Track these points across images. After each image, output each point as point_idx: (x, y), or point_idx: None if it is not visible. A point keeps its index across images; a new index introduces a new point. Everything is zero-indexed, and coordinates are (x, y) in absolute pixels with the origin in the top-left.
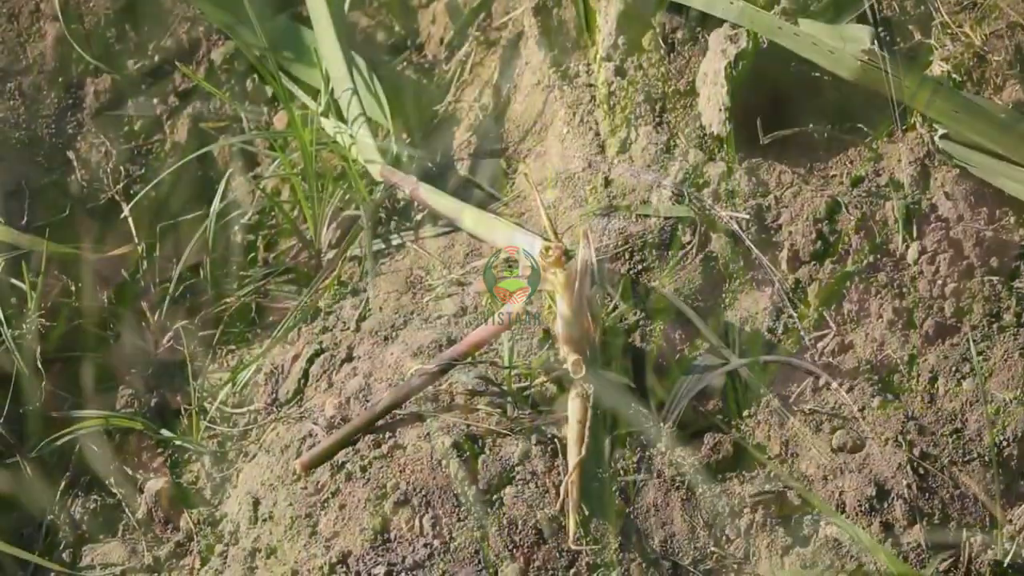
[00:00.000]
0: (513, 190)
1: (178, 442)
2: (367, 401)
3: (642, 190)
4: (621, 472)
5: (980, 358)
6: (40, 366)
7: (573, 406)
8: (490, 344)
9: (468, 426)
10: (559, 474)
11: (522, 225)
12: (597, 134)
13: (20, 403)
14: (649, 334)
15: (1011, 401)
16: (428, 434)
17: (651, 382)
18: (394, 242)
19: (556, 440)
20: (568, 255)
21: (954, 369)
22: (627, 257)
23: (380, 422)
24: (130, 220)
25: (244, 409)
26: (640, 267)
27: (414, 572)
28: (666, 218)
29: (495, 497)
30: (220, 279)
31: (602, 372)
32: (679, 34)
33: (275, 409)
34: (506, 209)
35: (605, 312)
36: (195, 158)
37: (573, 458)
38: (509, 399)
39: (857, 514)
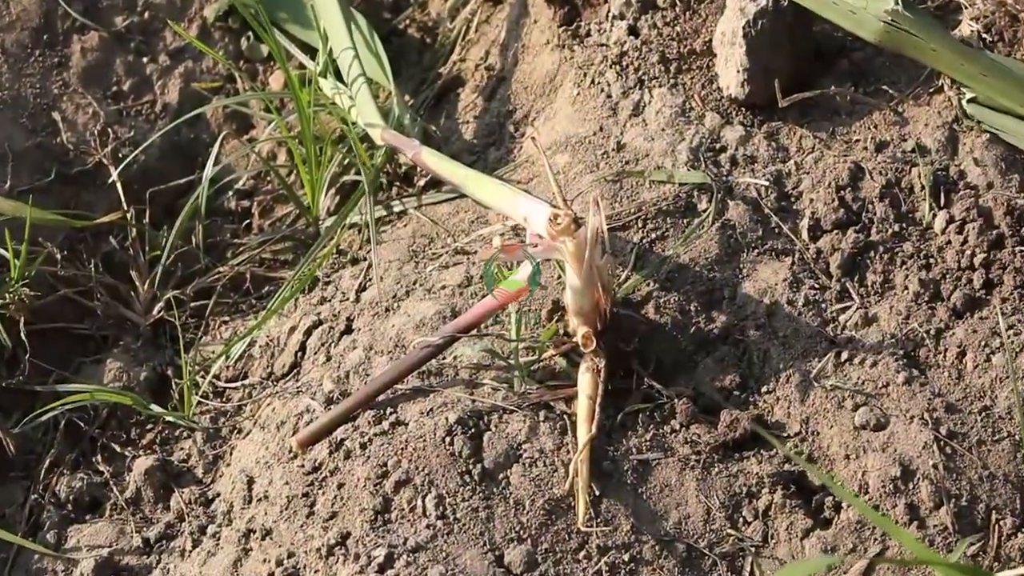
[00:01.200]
0: (521, 155)
1: (169, 418)
2: (367, 375)
3: (656, 155)
4: (633, 450)
5: (1010, 332)
6: (24, 338)
7: (583, 381)
8: (496, 316)
9: (473, 402)
10: (568, 452)
11: (530, 191)
12: (609, 96)
13: (2, 376)
14: (663, 306)
15: None
16: (431, 410)
17: (664, 355)
18: (396, 209)
19: (565, 417)
20: (578, 223)
21: (983, 344)
22: (640, 225)
23: (381, 397)
24: (118, 185)
25: (238, 384)
26: (654, 236)
27: (416, 554)
28: (681, 184)
29: (501, 476)
30: (213, 247)
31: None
32: None
33: (271, 383)
34: (513, 175)
35: (617, 283)
36: (187, 120)
37: (583, 436)
38: (516, 373)
39: (881, 495)
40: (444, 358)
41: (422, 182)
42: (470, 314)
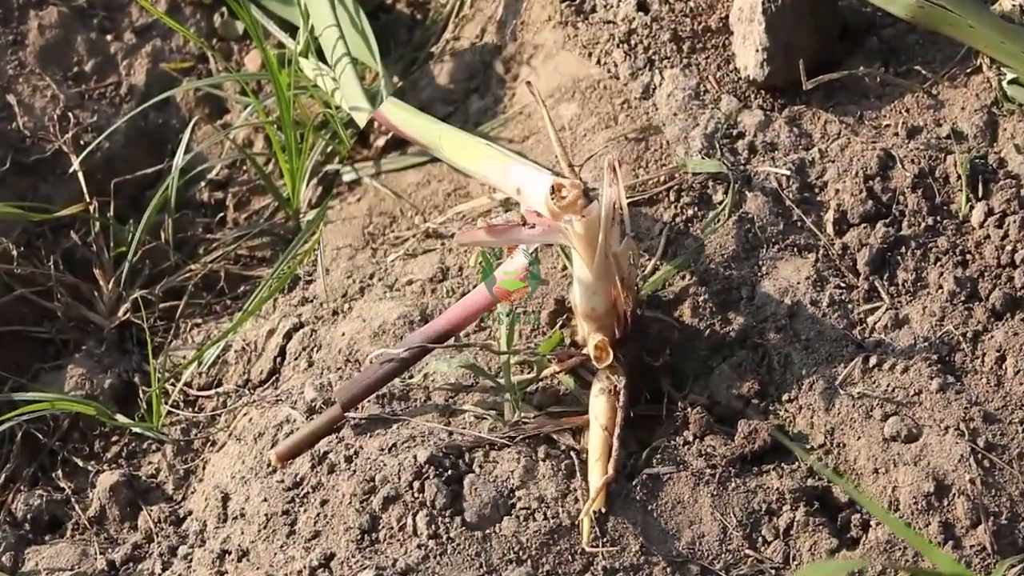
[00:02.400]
0: (513, 105)
1: (136, 429)
2: None
3: (667, 142)
4: (642, 463)
5: None
6: None
7: (597, 406)
8: (481, 320)
9: (450, 434)
10: (577, 501)
11: (525, 154)
12: (616, 78)
13: None
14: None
15: None
16: (394, 445)
17: (675, 360)
18: (347, 177)
19: (573, 454)
20: (589, 196)
21: None
22: (672, 199)
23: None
24: (80, 175)
25: (212, 391)
26: (690, 212)
27: None
28: (695, 174)
29: (488, 532)
30: (184, 243)
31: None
32: None
33: (247, 391)
34: (503, 131)
35: (641, 276)
36: (154, 104)
37: (596, 479)
38: (507, 397)
39: (913, 513)
40: (411, 376)
41: (381, 142)
42: (445, 318)
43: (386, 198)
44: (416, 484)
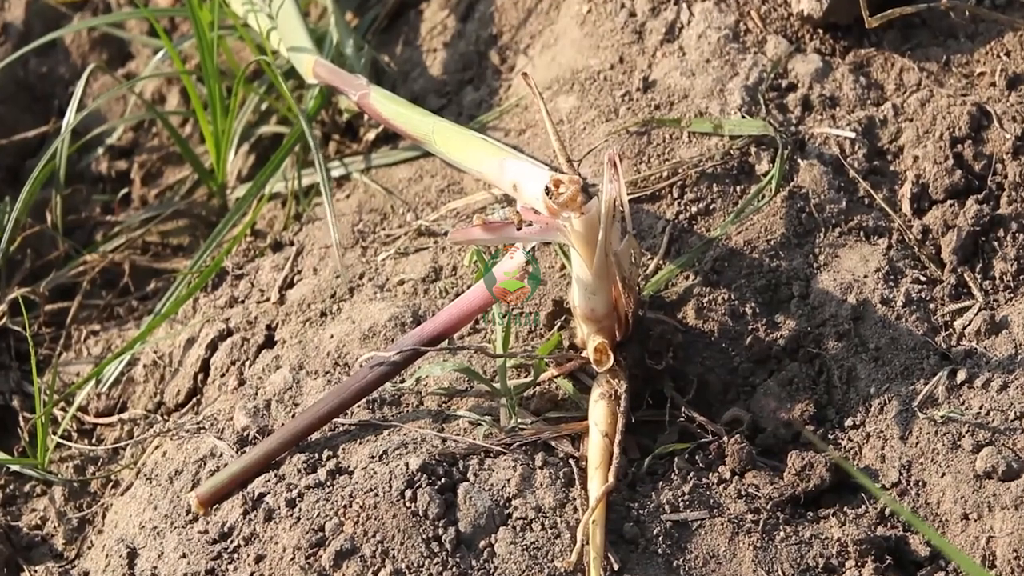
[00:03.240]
0: (509, 97)
1: (15, 467)
2: (295, 405)
3: (698, 97)
4: (666, 507)
5: None
6: None
7: (597, 412)
8: (476, 322)
9: (444, 441)
10: (576, 511)
11: (521, 148)
12: (632, 14)
13: None
14: (707, 307)
15: None
16: (385, 453)
17: (709, 376)
18: (335, 172)
19: (572, 461)
20: (588, 192)
21: None
22: (676, 195)
23: (315, 436)
24: None
25: (114, 418)
26: (694, 209)
27: None
28: (733, 137)
29: (483, 544)
30: (76, 227)
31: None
32: None
33: (160, 418)
34: (499, 124)
35: (643, 275)
36: (37, 48)
37: (597, 487)
38: (503, 402)
39: (1013, 570)
40: (403, 380)
41: (371, 135)
42: (439, 320)
43: (376, 194)
44: (408, 493)
